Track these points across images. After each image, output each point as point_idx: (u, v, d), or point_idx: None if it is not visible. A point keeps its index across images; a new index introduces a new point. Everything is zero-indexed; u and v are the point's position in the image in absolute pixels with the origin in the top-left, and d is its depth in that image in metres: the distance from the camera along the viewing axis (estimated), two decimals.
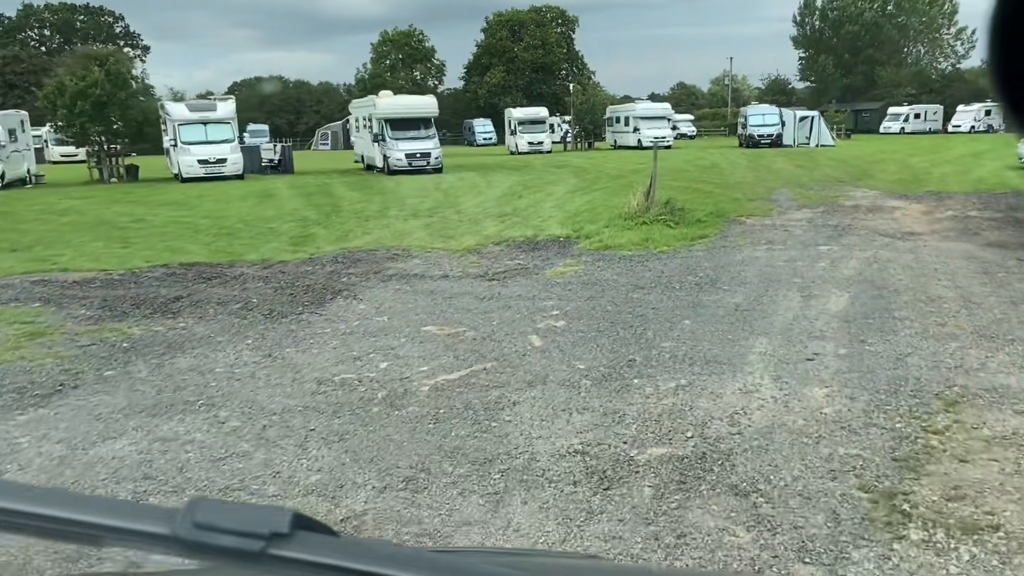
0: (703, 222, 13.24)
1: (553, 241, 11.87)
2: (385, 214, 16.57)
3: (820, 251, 10.26)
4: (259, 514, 0.60)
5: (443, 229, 13.85)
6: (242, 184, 24.64)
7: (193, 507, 0.61)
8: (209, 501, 0.62)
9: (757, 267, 9.21)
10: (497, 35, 78.53)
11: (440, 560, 0.62)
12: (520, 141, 46.77)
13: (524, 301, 7.73)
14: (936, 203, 15.80)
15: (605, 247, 11.02)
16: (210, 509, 0.61)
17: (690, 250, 10.65)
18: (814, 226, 12.83)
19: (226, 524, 0.59)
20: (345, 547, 0.61)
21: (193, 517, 0.60)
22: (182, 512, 0.61)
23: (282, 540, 0.58)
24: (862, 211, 14.85)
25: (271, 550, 0.58)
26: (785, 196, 17.87)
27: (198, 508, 0.61)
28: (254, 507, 0.62)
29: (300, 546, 0.59)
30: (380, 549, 0.61)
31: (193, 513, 0.60)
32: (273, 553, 0.58)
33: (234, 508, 0.61)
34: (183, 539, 0.59)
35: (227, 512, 0.61)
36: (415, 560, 0.61)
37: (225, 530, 0.59)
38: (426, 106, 29.45)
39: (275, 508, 0.61)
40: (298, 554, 0.58)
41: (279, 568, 0.58)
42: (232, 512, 0.61)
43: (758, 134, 44.55)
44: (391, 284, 8.82)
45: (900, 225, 12.75)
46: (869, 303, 7.18)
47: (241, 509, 0.61)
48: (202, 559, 0.62)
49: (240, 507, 0.61)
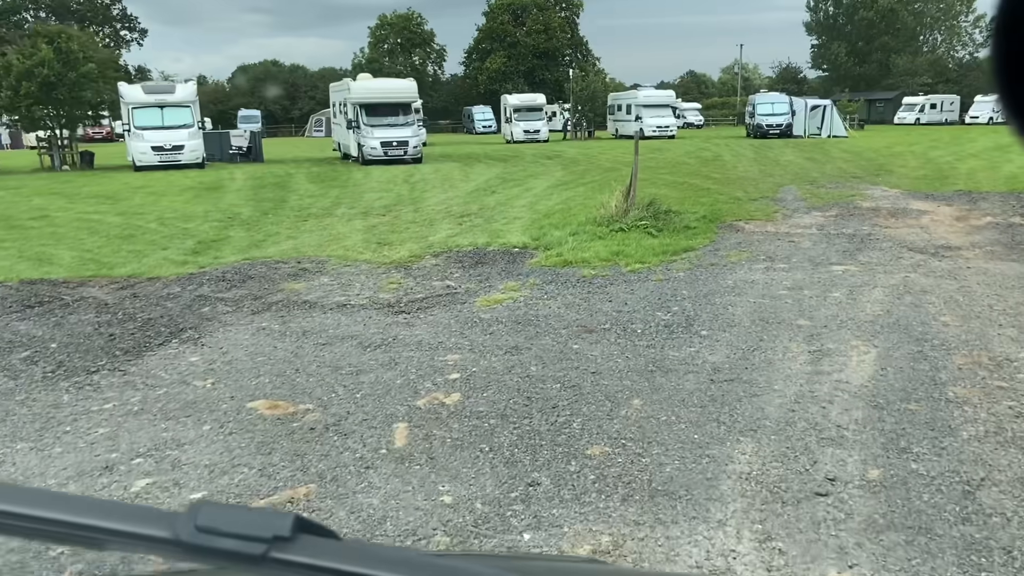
0: (692, 229, 11.01)
1: (505, 252, 9.67)
2: (331, 212, 14.40)
3: (834, 273, 8.03)
4: (261, 517, 0.60)
5: (386, 233, 11.67)
6: (196, 174, 22.47)
7: (195, 510, 0.61)
8: (211, 504, 0.62)
9: (751, 298, 7.00)
10: (498, 19, 75.94)
11: (442, 563, 0.61)
12: (516, 129, 44.47)
13: (421, 353, 5.54)
14: (969, 206, 13.51)
15: (564, 263, 8.82)
16: (212, 512, 0.60)
17: (669, 269, 8.43)
18: (826, 235, 10.59)
19: (228, 527, 0.59)
20: (347, 550, 0.61)
21: (195, 520, 0.60)
22: (184, 515, 0.60)
23: (284, 543, 0.58)
24: (883, 215, 12.58)
25: (273, 553, 0.58)
26: (793, 195, 15.60)
27: (200, 511, 0.60)
28: (256, 511, 0.61)
29: (302, 549, 0.58)
30: (382, 552, 0.62)
31: (195, 516, 0.60)
32: (275, 556, 0.58)
33: (236, 511, 0.61)
34: (185, 542, 0.59)
35: (229, 515, 0.60)
36: (416, 563, 0.60)
37: (227, 533, 0.59)
38: (404, 90, 27.18)
39: (277, 512, 0.61)
40: (300, 557, 0.58)
41: (281, 571, 0.58)
42: (234, 515, 0.60)
43: (766, 124, 42.14)
44: (262, 318, 6.65)
45: (931, 235, 10.49)
46: (907, 369, 4.96)
47: (243, 512, 0.61)
48: (204, 563, 0.62)
49: (242, 510, 0.61)
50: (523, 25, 75.60)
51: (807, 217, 12.51)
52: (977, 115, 61.54)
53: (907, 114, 64.14)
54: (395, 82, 27.71)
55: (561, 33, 76.10)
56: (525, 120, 44.75)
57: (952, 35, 78.66)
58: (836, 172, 20.31)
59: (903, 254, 9.08)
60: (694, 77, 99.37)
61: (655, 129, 43.97)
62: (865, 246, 9.67)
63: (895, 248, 9.48)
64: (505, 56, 75.00)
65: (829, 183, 17.66)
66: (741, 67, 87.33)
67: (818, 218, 12.42)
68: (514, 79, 72.54)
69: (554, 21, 75.67)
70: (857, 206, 13.67)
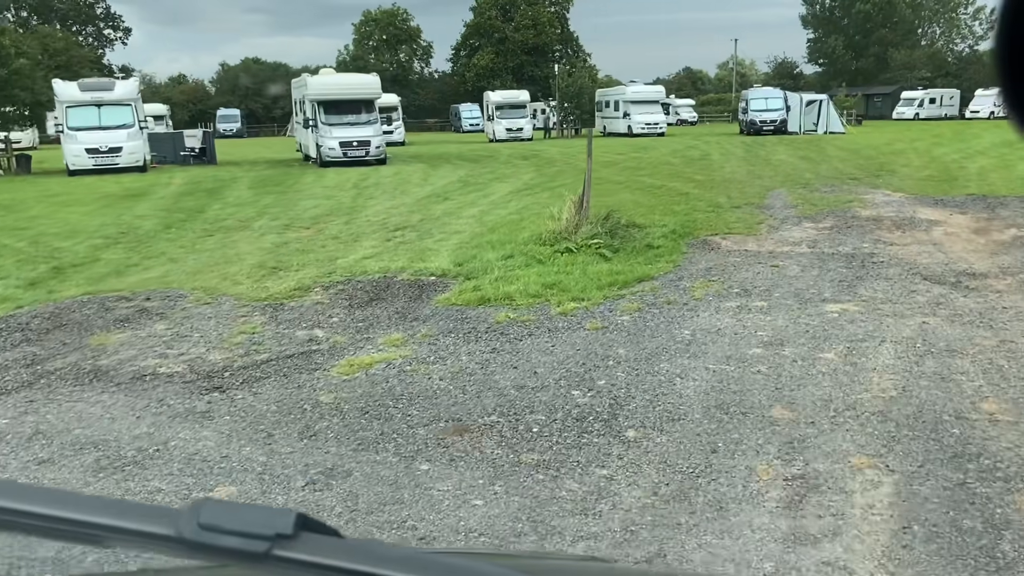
0: (655, 248, 9.03)
1: (415, 283, 7.68)
2: (248, 225, 12.41)
3: (827, 317, 6.05)
4: (263, 515, 0.60)
5: (291, 254, 9.69)
6: (131, 180, 20.43)
7: (197, 508, 0.60)
8: (214, 502, 0.61)
9: (711, 363, 5.01)
10: (486, 14, 73.84)
11: (444, 562, 0.61)
12: (498, 127, 42.45)
13: (173, 484, 3.54)
14: (987, 214, 11.54)
15: (480, 300, 6.82)
16: (214, 510, 0.60)
17: (611, 310, 6.44)
18: (818, 256, 8.61)
19: (230, 525, 0.58)
20: (349, 548, 0.60)
21: (198, 518, 0.59)
22: (187, 513, 0.60)
23: (286, 541, 0.58)
24: (886, 227, 10.61)
25: (276, 551, 0.57)
26: (782, 201, 13.62)
27: (202, 509, 0.60)
28: (258, 508, 0.61)
29: (304, 547, 0.58)
30: (384, 550, 0.61)
31: (198, 514, 0.59)
32: (278, 554, 0.57)
33: (238, 509, 0.61)
34: (187, 540, 0.58)
35: (231, 513, 0.60)
36: (419, 562, 0.60)
37: (229, 531, 0.58)
38: (366, 86, 25.13)
39: (279, 510, 0.61)
40: (302, 555, 0.57)
41: (283, 569, 0.58)
42: (236, 513, 0.60)
43: (760, 120, 40.14)
44: (5, 402, 4.66)
45: (948, 255, 8.52)
46: (947, 532, 2.97)
47: (245, 510, 0.61)
48: (207, 560, 0.61)
49: (244, 508, 0.61)
50: (511, 20, 73.51)
51: (797, 230, 10.53)
52: (978, 109, 59.63)
53: (906, 109, 62.22)
54: (356, 77, 25.69)
55: (550, 28, 74.04)
56: (508, 118, 42.72)
57: (951, 28, 76.67)
58: (832, 173, 18.33)
59: (916, 285, 7.10)
60: (690, 73, 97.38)
61: (644, 126, 41.98)
62: (867, 272, 7.69)
63: (905, 276, 7.50)
64: (493, 52, 72.93)
65: (824, 186, 15.68)
66: (736, 62, 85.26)
67: (810, 231, 10.44)
68: (502, 76, 70.43)
69: (543, 16, 73.59)
70: (856, 215, 11.70)
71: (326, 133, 24.06)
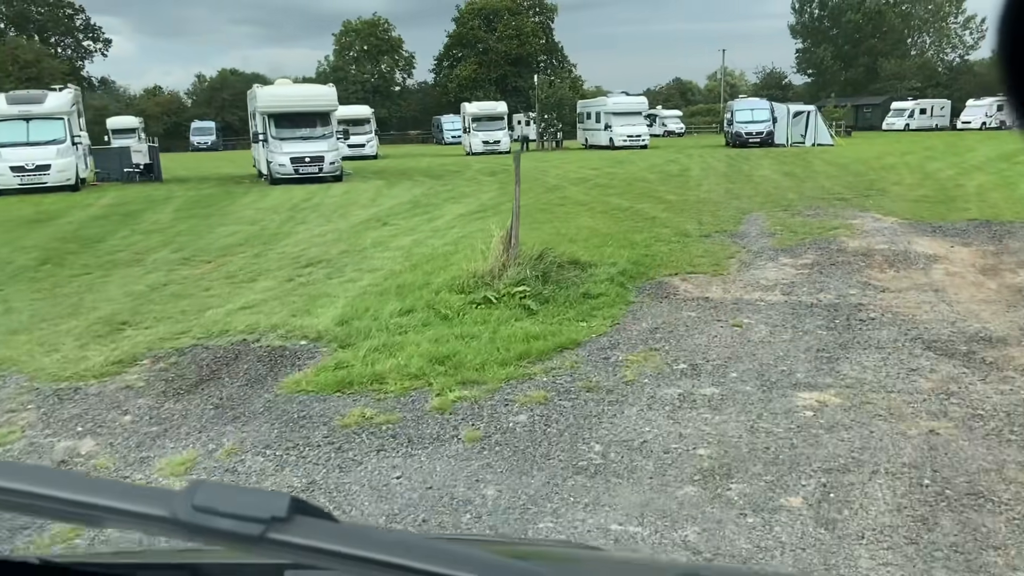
0: (595, 298, 7.33)
1: (275, 352, 5.95)
2: (140, 260, 10.67)
3: (797, 420, 4.35)
4: (258, 498, 0.60)
5: (159, 303, 7.97)
6: (53, 200, 18.66)
7: (192, 490, 0.60)
8: (209, 484, 0.61)
9: (614, 523, 3.31)
10: (468, 24, 72.44)
11: (438, 546, 0.62)
12: (474, 140, 40.85)
13: None
14: (994, 246, 9.91)
15: (341, 383, 5.10)
16: (209, 492, 0.60)
17: (509, 402, 4.74)
18: (793, 310, 6.93)
19: (225, 507, 0.58)
20: (344, 532, 0.61)
21: (192, 500, 0.59)
22: (182, 494, 0.60)
23: (281, 524, 0.58)
24: (877, 263, 8.97)
25: (270, 534, 0.58)
26: (759, 227, 11.98)
27: (197, 491, 0.60)
28: (253, 491, 0.61)
29: (299, 530, 0.58)
30: (378, 535, 0.61)
31: (192, 496, 0.60)
32: (272, 537, 0.58)
33: (233, 491, 0.61)
34: (182, 521, 0.59)
35: (226, 495, 0.60)
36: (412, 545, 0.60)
37: (224, 513, 0.58)
38: (321, 97, 23.43)
39: (274, 493, 0.61)
40: (297, 538, 0.58)
41: (278, 552, 0.58)
42: (231, 496, 0.60)
43: (745, 132, 38.65)
44: None
45: (954, 307, 6.86)
46: None
47: (240, 493, 0.61)
48: (201, 541, 0.61)
49: (239, 491, 0.61)
50: (495, 31, 72.10)
51: (771, 268, 8.87)
52: (969, 120, 58.43)
53: (896, 120, 61.03)
54: (310, 88, 23.99)
55: (534, 39, 72.64)
56: (485, 130, 41.12)
57: (941, 37, 75.62)
58: (817, 192, 16.71)
59: (917, 357, 5.43)
60: (679, 84, 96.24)
61: (626, 139, 40.44)
62: (853, 336, 6.01)
63: (902, 342, 5.82)
64: (476, 63, 71.51)
65: (808, 208, 14.06)
66: (724, 73, 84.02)
67: (787, 270, 8.77)
68: (485, 87, 68.98)
69: (527, 26, 72.21)
70: (842, 247, 10.05)
71: (276, 148, 22.35)
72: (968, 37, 73.82)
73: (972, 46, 73.44)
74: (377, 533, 0.60)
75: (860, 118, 64.39)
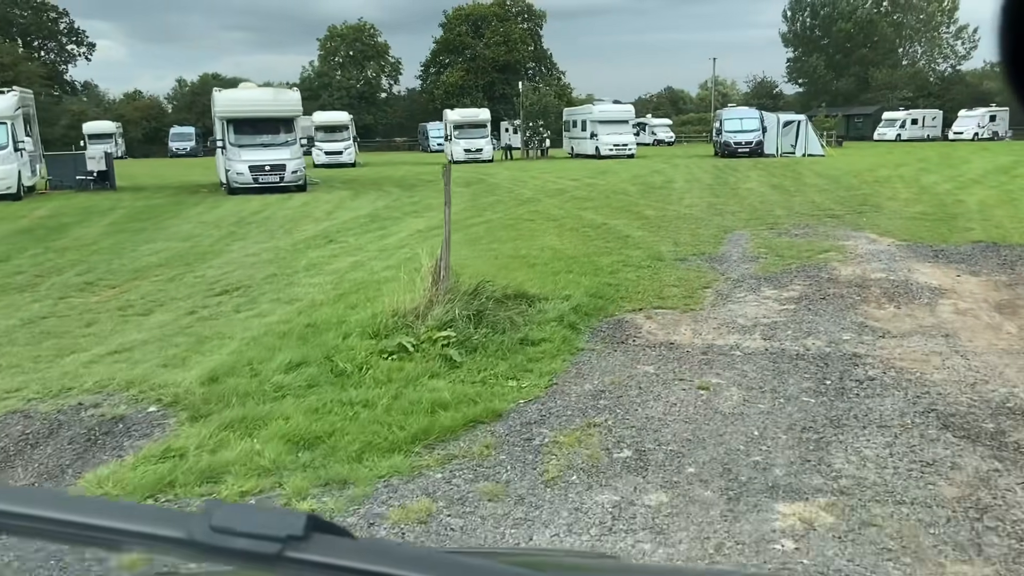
0: (534, 345, 6.03)
1: (107, 425, 4.62)
2: (35, 285, 9.34)
3: (774, 554, 3.07)
4: (275, 517, 0.60)
5: (5, 347, 6.64)
6: None
7: (209, 511, 0.60)
8: (225, 505, 0.61)
9: None
10: (456, 30, 71.24)
11: (459, 561, 0.60)
12: (456, 148, 39.57)
13: None
14: (1007, 276, 8.66)
15: (156, 486, 3.76)
16: (226, 512, 0.60)
17: (377, 519, 3.41)
18: (774, 363, 5.64)
19: (242, 527, 0.58)
20: (361, 549, 0.60)
21: (209, 521, 0.59)
22: (198, 516, 0.60)
23: (298, 542, 0.58)
24: (875, 298, 7.71)
25: (287, 553, 0.57)
26: (741, 249, 10.72)
27: (214, 512, 0.60)
28: (269, 510, 0.61)
29: (316, 548, 0.58)
30: (395, 550, 0.61)
31: (209, 517, 0.59)
32: (290, 556, 0.57)
33: (250, 511, 0.60)
34: (200, 543, 0.58)
35: (243, 515, 0.60)
36: (433, 561, 0.59)
37: (241, 533, 0.58)
38: (283, 102, 22.08)
39: (290, 511, 0.61)
40: (314, 556, 0.57)
41: (296, 570, 0.58)
42: (248, 515, 0.60)
43: (735, 141, 37.50)
44: None
45: (971, 360, 5.58)
46: None
47: (256, 512, 0.60)
48: (219, 563, 0.61)
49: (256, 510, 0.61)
50: (482, 37, 70.94)
51: (751, 303, 7.58)
52: (961, 131, 57.56)
53: (887, 130, 60.11)
54: (272, 92, 22.63)
55: (522, 45, 71.49)
56: (467, 138, 39.84)
57: (933, 47, 74.90)
58: (807, 207, 15.49)
59: (932, 443, 4.14)
60: (671, 93, 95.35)
61: (612, 148, 39.21)
62: (848, 408, 4.71)
63: (910, 416, 4.53)
64: (463, 69, 70.28)
65: (796, 226, 12.82)
66: (715, 81, 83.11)
67: (769, 305, 7.49)
68: (472, 93, 67.77)
69: (515, 32, 71.05)
70: (833, 275, 8.79)
71: (234, 156, 21.01)
72: (960, 47, 73.21)
73: (964, 56, 72.85)
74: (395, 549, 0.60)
75: (851, 128, 63.44)
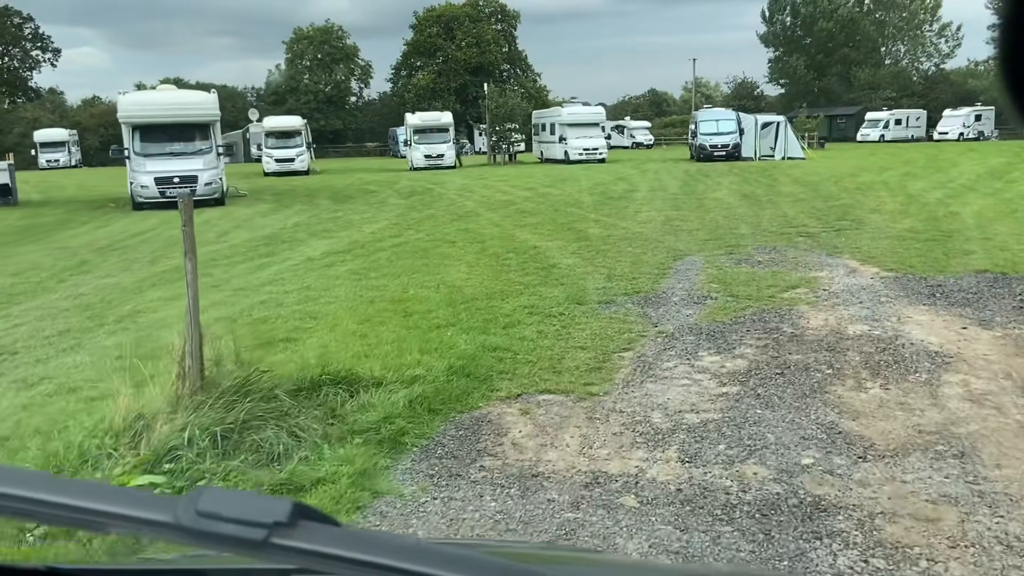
0: (302, 492, 3.75)
1: None
2: None
3: None
4: (261, 503, 0.60)
5: None
6: None
7: (196, 495, 0.60)
8: (212, 490, 0.61)
9: None
10: (427, 32, 68.93)
11: (441, 551, 0.61)
12: (415, 154, 37.28)
13: None
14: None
15: None
16: (213, 497, 0.60)
17: None
18: (684, 522, 3.36)
19: (228, 513, 0.58)
20: (347, 537, 0.60)
21: (196, 505, 0.59)
22: (185, 500, 0.60)
23: (284, 529, 0.58)
24: (852, 370, 5.47)
25: (274, 539, 0.57)
26: (688, 285, 8.47)
27: (201, 496, 0.60)
28: (256, 496, 0.61)
29: (302, 535, 0.58)
30: (381, 539, 0.61)
31: (196, 501, 0.59)
32: (275, 542, 0.58)
33: (237, 497, 0.61)
34: (185, 527, 0.59)
35: (230, 501, 0.60)
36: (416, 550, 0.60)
37: (227, 519, 0.58)
38: (197, 106, 19.73)
39: (277, 498, 0.61)
40: (300, 543, 0.58)
41: (281, 557, 0.58)
42: (235, 501, 0.60)
43: (710, 144, 35.41)
44: None
45: (1006, 512, 3.35)
46: None
47: (243, 498, 0.61)
48: (205, 547, 0.61)
49: (243, 496, 0.61)
50: (454, 39, 68.66)
51: (678, 383, 5.31)
52: (946, 131, 55.87)
53: (871, 131, 58.35)
54: (184, 95, 20.32)
55: (496, 47, 69.25)
56: (427, 143, 37.55)
57: (916, 46, 73.24)
58: (777, 223, 13.29)
59: None
60: (655, 95, 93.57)
61: (582, 152, 37.05)
62: None
63: None
64: (435, 72, 67.97)
65: (761, 249, 10.60)
66: (695, 83, 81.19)
67: (703, 387, 5.23)
68: (444, 96, 65.42)
69: (488, 34, 68.80)
70: (798, 331, 6.55)
71: (139, 167, 18.65)
72: (944, 45, 71.61)
73: (948, 54, 71.26)
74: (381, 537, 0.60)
75: (834, 129, 61.66)
